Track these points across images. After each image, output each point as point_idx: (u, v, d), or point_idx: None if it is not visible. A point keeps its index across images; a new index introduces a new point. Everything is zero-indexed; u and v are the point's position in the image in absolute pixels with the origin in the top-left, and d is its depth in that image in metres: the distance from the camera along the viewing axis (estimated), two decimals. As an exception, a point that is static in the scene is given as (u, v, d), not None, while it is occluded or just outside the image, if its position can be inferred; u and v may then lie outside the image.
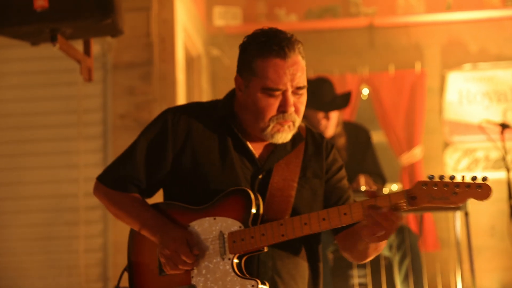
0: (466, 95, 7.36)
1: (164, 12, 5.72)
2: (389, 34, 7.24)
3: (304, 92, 2.35)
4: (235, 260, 2.28)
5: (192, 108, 2.52)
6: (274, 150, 2.42)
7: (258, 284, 2.23)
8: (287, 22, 7.44)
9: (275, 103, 2.32)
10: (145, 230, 2.38)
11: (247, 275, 2.28)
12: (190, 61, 6.77)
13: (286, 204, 2.33)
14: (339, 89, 7.02)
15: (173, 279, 2.34)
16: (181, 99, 5.84)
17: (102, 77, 5.58)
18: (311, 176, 2.43)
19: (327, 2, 7.54)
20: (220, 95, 8.72)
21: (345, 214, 2.18)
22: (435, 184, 2.07)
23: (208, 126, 2.44)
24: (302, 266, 2.40)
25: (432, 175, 2.09)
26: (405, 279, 4.43)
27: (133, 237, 2.47)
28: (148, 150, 2.45)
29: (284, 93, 2.30)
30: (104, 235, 5.45)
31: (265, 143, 2.44)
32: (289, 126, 2.35)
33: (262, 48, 2.31)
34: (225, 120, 2.44)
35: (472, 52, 7.42)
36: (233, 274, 2.28)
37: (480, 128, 5.73)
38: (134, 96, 5.54)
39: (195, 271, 2.32)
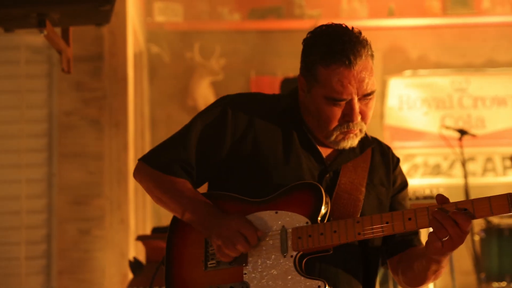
0: (406, 101, 7.41)
1: (115, 4, 5.39)
2: (332, 38, 7.18)
3: (372, 97, 2.14)
4: (298, 259, 2.05)
5: (254, 97, 2.29)
6: (342, 151, 2.22)
7: (325, 285, 2.00)
8: (230, 21, 7.25)
9: (339, 113, 2.11)
10: (196, 217, 2.12)
11: (310, 276, 2.05)
12: (134, 57, 6.45)
13: (354, 208, 2.14)
14: (281, 91, 6.91)
15: (221, 274, 2.09)
16: (131, 97, 5.53)
17: (47, 71, 5.20)
18: (378, 184, 2.24)
19: (271, 2, 7.40)
20: (159, 94, 8.45)
21: None
22: None
23: (272, 117, 2.22)
24: (359, 281, 2.21)
25: None
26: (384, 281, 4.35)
27: (175, 228, 2.21)
28: (204, 134, 2.20)
29: (349, 102, 2.10)
30: (47, 241, 5.07)
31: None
32: (355, 134, 2.16)
33: (325, 55, 2.07)
34: (289, 114, 2.23)
35: (413, 59, 7.48)
36: (295, 272, 2.03)
37: (440, 135, 5.73)
38: (82, 92, 5.18)
39: (249, 267, 2.07)
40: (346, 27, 2.12)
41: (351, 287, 2.17)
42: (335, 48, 2.06)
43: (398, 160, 2.34)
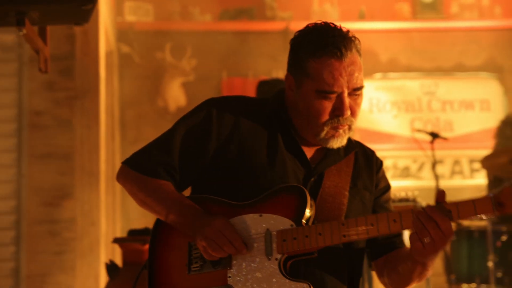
0: (376, 103, 7.45)
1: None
2: (303, 40, 7.18)
3: (361, 94, 2.14)
4: (282, 262, 2.04)
5: (239, 100, 2.27)
6: (328, 154, 2.22)
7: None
8: (201, 21, 7.22)
9: (329, 106, 2.10)
10: (180, 219, 2.10)
11: (295, 278, 2.04)
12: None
13: (339, 211, 2.14)
14: (253, 93, 6.88)
15: (205, 278, 2.06)
16: (103, 97, 5.46)
17: (17, 70, 5.10)
18: (362, 188, 2.24)
19: (243, 3, 7.38)
20: (129, 95, 8.37)
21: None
22: None
23: (257, 120, 2.20)
24: (344, 284, 2.19)
25: None
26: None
27: (158, 231, 2.18)
28: (188, 137, 2.19)
29: (339, 96, 2.09)
30: (16, 243, 4.98)
31: (317, 147, 2.24)
32: (344, 131, 2.14)
33: (316, 47, 2.08)
34: (276, 117, 2.22)
35: (383, 62, 7.53)
36: (280, 275, 2.01)
37: (412, 138, 5.77)
38: (53, 91, 5.09)
39: (233, 270, 2.05)
40: (335, 25, 2.13)
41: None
42: (326, 41, 2.07)
43: (381, 163, 2.35)
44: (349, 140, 2.24)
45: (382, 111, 7.46)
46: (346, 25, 7.00)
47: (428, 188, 6.33)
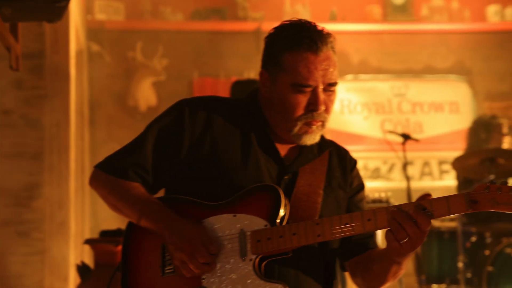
0: (347, 105, 7.48)
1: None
2: (275, 40, 7.17)
3: (335, 90, 2.15)
4: (257, 262, 2.03)
5: (212, 100, 2.27)
6: (301, 153, 2.21)
7: None
8: (173, 21, 7.17)
9: (304, 101, 2.11)
10: (150, 224, 2.09)
11: (270, 279, 2.03)
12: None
13: (313, 211, 2.13)
14: (224, 93, 6.86)
15: (179, 280, 2.04)
16: (73, 96, 5.39)
17: (-16, 68, 4.99)
18: (336, 187, 2.24)
19: (214, 3, 7.35)
20: (99, 94, 8.27)
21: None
22: (499, 188, 1.90)
23: (230, 120, 2.20)
24: (319, 284, 2.20)
25: (494, 180, 1.95)
26: None
27: (130, 233, 2.17)
28: (160, 139, 2.18)
29: (314, 90, 2.10)
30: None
31: (291, 145, 2.23)
32: (317, 127, 2.14)
33: (292, 41, 2.09)
34: (249, 116, 2.21)
35: (354, 63, 7.56)
36: (254, 276, 2.00)
37: (384, 139, 5.80)
38: (22, 90, 5.00)
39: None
40: (311, 22, 2.15)
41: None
42: (302, 34, 2.09)
43: (355, 162, 2.35)
44: (323, 139, 2.25)
45: (353, 112, 7.49)
46: (318, 26, 6.78)
47: (399, 189, 6.35)
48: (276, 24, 2.20)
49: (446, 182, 7.40)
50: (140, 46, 6.99)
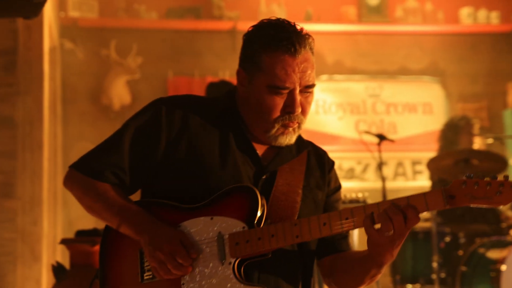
0: (322, 105, 7.49)
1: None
2: (250, 40, 7.15)
3: (312, 92, 2.14)
4: (236, 265, 2.00)
5: (189, 99, 2.23)
6: (280, 152, 2.19)
7: None
8: (147, 19, 7.11)
9: (280, 103, 2.09)
10: (128, 228, 2.04)
11: (250, 282, 2.01)
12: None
13: (292, 210, 2.11)
14: (199, 93, 6.82)
15: (159, 286, 2.01)
16: (47, 93, 5.31)
17: (-45, 64, 4.91)
18: (315, 187, 2.22)
19: (190, 2, 7.31)
20: (72, 92, 8.16)
21: (372, 213, 1.96)
22: (476, 182, 1.91)
23: (207, 119, 2.17)
24: (298, 284, 2.19)
25: (471, 174, 1.94)
26: None
27: (108, 237, 2.12)
28: (137, 138, 2.14)
29: (291, 92, 2.08)
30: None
31: (268, 145, 2.20)
32: (294, 129, 2.13)
33: (270, 42, 2.06)
34: (227, 115, 2.19)
35: (329, 64, 7.57)
36: (234, 280, 1.98)
37: (360, 140, 5.81)
38: (-6, 87, 4.94)
39: (187, 277, 2.00)
40: (289, 21, 2.13)
41: None
42: (280, 36, 2.06)
43: (333, 163, 2.34)
44: (301, 139, 2.24)
45: (328, 112, 7.50)
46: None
47: (373, 189, 6.37)
48: (252, 23, 2.18)
49: (420, 183, 7.44)
50: (114, 44, 6.92)
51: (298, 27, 2.12)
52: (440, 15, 7.69)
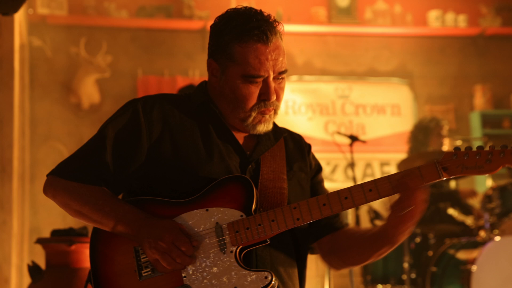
0: (292, 105, 7.50)
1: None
2: (221, 40, 7.12)
3: (285, 77, 2.18)
4: (238, 253, 2.02)
5: (164, 97, 2.23)
6: (260, 141, 2.23)
7: (272, 276, 1.98)
8: (117, 17, 7.05)
9: (256, 91, 2.12)
10: (123, 226, 2.01)
11: (254, 268, 2.03)
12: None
13: (281, 196, 2.14)
14: (169, 92, 6.79)
15: (159, 281, 1.99)
16: (17, 92, 5.23)
17: None
18: (298, 170, 2.26)
19: (160, 1, 7.27)
20: (40, 90, 8.05)
21: (370, 190, 2.02)
22: (466, 153, 2.00)
23: (185, 114, 2.18)
24: (294, 268, 2.21)
25: (459, 147, 2.03)
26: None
27: (96, 238, 2.09)
28: (118, 140, 2.12)
29: (265, 80, 2.11)
30: None
31: (246, 134, 2.23)
32: (270, 116, 2.17)
33: (241, 31, 2.09)
34: (203, 109, 2.20)
35: (299, 65, 7.59)
36: (238, 267, 1.99)
37: (333, 141, 5.83)
38: (-38, 85, 4.85)
39: (188, 269, 2.00)
40: (256, 9, 2.16)
41: (287, 272, 2.17)
42: (251, 25, 2.09)
43: (310, 146, 2.39)
44: (276, 126, 2.28)
45: (297, 113, 7.52)
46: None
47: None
48: None
49: (388, 184, 7.50)
50: (84, 42, 6.84)
51: (266, 14, 2.15)
52: (409, 18, 7.77)
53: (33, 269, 3.32)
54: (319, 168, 2.36)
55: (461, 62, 7.88)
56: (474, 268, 4.84)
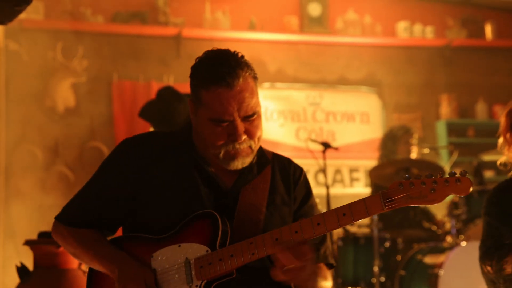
0: (264, 112, 7.63)
1: None
2: (195, 46, 7.24)
3: (256, 117, 2.20)
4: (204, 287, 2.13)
5: (149, 137, 2.38)
6: (241, 175, 2.28)
7: None
8: (93, 22, 7.11)
9: (224, 132, 2.18)
10: (103, 267, 2.23)
11: None
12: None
13: (255, 229, 2.21)
14: (143, 97, 6.88)
15: None
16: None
17: None
18: (280, 203, 2.31)
19: (136, 7, 7.35)
20: (15, 94, 8.04)
21: (318, 224, 2.05)
22: (412, 183, 1.96)
23: (168, 154, 2.30)
24: None
25: (409, 175, 1.98)
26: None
27: (92, 277, 2.31)
28: (107, 183, 2.31)
29: (232, 123, 2.16)
30: None
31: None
32: (247, 154, 2.21)
33: (206, 77, 2.16)
34: (183, 148, 2.31)
35: (271, 72, 7.73)
36: None
37: (306, 148, 5.97)
38: None
39: None
40: (228, 51, 2.20)
41: None
42: (214, 71, 2.13)
43: (301, 170, 2.42)
44: (263, 155, 2.32)
45: (269, 119, 7.65)
46: (236, 35, 7.21)
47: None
48: (196, 30, 2.31)
49: (356, 190, 7.69)
50: (60, 46, 6.89)
51: (238, 55, 2.18)
52: (378, 28, 7.97)
53: (21, 270, 3.39)
54: (307, 197, 2.38)
55: (428, 72, 8.11)
56: (441, 272, 5.00)
